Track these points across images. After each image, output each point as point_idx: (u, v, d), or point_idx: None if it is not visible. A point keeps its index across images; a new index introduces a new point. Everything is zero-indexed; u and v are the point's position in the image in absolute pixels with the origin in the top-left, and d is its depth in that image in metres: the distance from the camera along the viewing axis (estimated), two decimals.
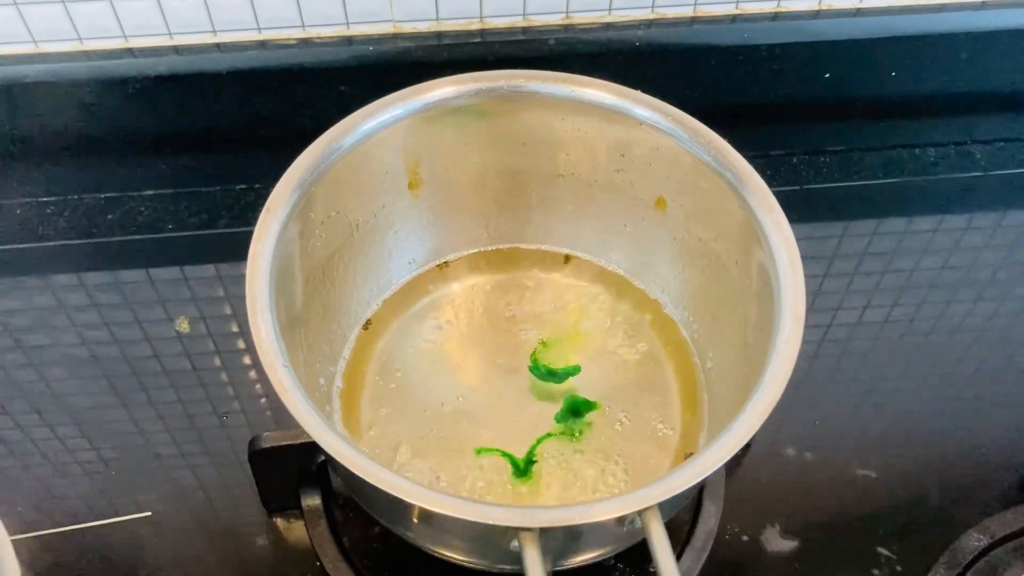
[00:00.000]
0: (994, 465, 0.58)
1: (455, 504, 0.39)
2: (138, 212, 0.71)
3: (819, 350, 0.64)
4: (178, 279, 0.67)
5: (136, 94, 0.67)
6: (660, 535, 0.39)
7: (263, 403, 0.60)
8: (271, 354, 0.43)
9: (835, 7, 0.71)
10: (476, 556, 0.46)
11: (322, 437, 0.41)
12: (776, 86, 0.72)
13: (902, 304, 0.66)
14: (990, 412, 0.61)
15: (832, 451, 0.59)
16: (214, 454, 0.58)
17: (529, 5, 0.68)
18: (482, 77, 0.54)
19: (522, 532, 0.39)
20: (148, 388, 0.61)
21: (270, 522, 0.55)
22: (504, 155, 0.58)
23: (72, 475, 0.57)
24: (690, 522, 0.54)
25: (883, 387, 0.62)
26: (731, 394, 0.51)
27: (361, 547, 0.54)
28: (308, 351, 0.52)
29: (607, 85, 0.54)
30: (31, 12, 0.63)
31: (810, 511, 0.56)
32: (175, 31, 0.66)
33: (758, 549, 0.54)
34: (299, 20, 0.67)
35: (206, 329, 0.63)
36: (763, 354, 0.45)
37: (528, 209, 0.61)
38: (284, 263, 0.48)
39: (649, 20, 0.70)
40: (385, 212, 0.57)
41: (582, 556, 0.46)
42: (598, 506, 0.39)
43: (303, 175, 0.50)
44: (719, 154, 0.51)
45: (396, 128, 0.54)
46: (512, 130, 0.57)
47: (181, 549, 0.54)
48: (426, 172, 0.57)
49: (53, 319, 0.64)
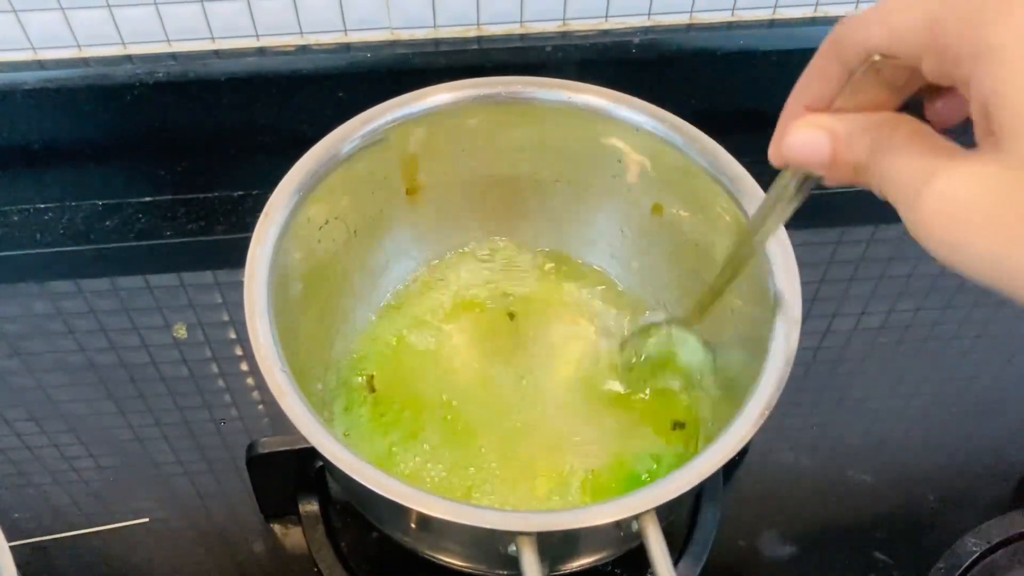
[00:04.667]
0: (991, 470, 0.58)
1: (452, 508, 0.39)
2: (136, 219, 0.71)
3: (816, 355, 0.64)
4: (176, 285, 0.67)
5: (134, 101, 0.67)
6: (657, 539, 0.39)
7: (260, 409, 0.60)
8: (269, 359, 0.43)
9: (831, 14, 0.71)
10: (474, 560, 0.46)
11: (320, 442, 0.41)
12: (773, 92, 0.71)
13: (899, 310, 0.67)
14: (987, 417, 0.61)
15: (829, 456, 0.59)
16: (211, 460, 0.58)
17: (526, 12, 0.68)
18: (479, 84, 0.54)
19: (519, 536, 0.39)
20: (145, 394, 0.61)
21: (268, 528, 0.55)
22: (501, 161, 0.58)
23: (70, 481, 0.57)
24: (688, 527, 0.54)
25: (880, 392, 0.62)
26: (728, 398, 0.51)
27: (359, 552, 0.54)
28: (306, 356, 0.52)
29: (603, 91, 0.54)
30: (30, 19, 0.64)
31: (807, 516, 0.56)
32: (173, 38, 0.66)
33: (756, 554, 0.55)
34: (297, 27, 0.67)
35: (204, 335, 0.63)
36: (759, 359, 0.45)
37: (525, 214, 0.61)
38: (282, 269, 0.48)
39: (646, 27, 0.70)
40: (383, 218, 0.58)
41: (580, 560, 0.46)
42: (595, 510, 0.39)
43: (301, 181, 0.50)
44: (716, 160, 0.52)
45: (394, 134, 0.54)
46: (509, 136, 0.57)
47: (179, 555, 0.54)
48: (424, 178, 0.58)
49: (51, 325, 0.64)
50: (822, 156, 0.30)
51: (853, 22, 0.29)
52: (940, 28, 0.25)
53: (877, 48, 0.28)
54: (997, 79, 0.24)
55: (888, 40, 0.27)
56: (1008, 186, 0.24)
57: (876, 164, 0.28)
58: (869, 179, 0.29)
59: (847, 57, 0.29)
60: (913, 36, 0.26)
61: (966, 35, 0.25)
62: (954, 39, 0.25)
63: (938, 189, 0.25)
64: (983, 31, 0.24)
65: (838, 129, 0.29)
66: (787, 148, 0.31)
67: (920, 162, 0.26)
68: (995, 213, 0.24)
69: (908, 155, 0.27)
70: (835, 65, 0.30)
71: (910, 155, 0.27)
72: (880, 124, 0.28)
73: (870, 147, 0.28)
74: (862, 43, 0.28)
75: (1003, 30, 0.24)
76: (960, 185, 0.25)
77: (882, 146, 0.28)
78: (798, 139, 0.30)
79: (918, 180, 0.26)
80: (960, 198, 0.25)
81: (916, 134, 0.28)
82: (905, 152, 0.27)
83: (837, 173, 0.30)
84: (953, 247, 0.25)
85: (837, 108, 0.30)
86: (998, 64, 0.24)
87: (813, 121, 0.30)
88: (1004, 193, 0.24)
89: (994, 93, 0.24)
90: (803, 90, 0.32)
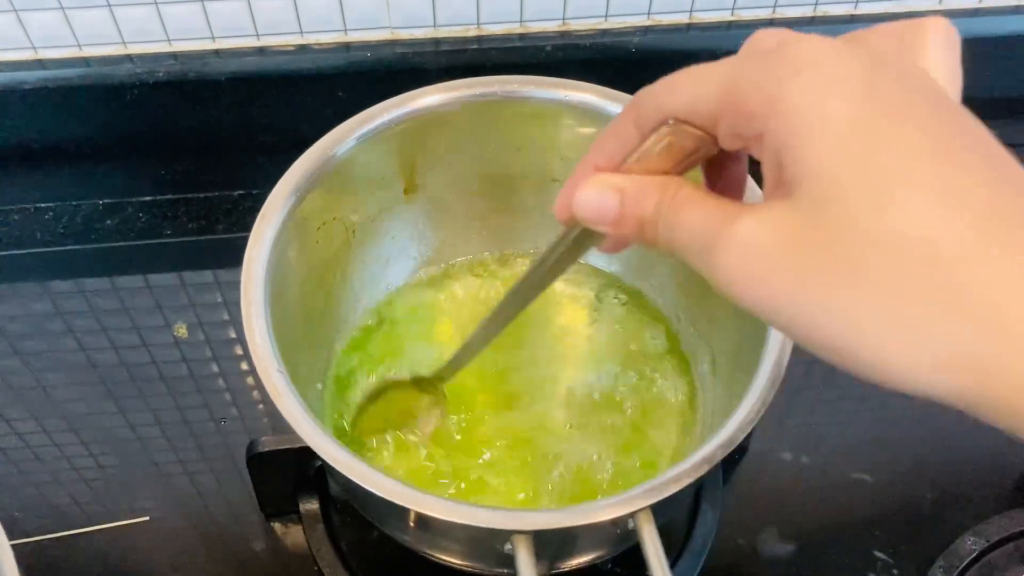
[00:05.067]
0: (990, 468, 0.58)
1: (448, 507, 0.39)
2: (136, 218, 0.71)
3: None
4: (176, 285, 0.67)
5: (134, 100, 0.67)
6: (653, 537, 0.39)
7: (261, 408, 0.61)
8: (266, 359, 0.43)
9: (830, 14, 0.71)
10: (472, 559, 0.46)
11: (316, 442, 0.41)
12: None
13: None
14: None
15: (828, 455, 0.59)
16: (212, 459, 0.58)
17: (526, 12, 0.68)
18: (477, 83, 0.54)
19: (515, 535, 0.39)
20: (146, 394, 0.61)
21: (268, 527, 0.55)
22: (500, 160, 0.58)
23: (70, 480, 0.57)
24: (688, 526, 0.54)
25: (879, 391, 0.62)
26: (725, 396, 0.51)
27: (359, 551, 0.54)
28: (304, 355, 0.52)
29: (602, 90, 0.54)
30: (30, 18, 0.64)
31: (807, 515, 0.56)
32: (174, 37, 0.66)
33: (755, 553, 0.55)
34: (297, 27, 0.67)
35: (204, 335, 0.64)
36: (757, 355, 0.45)
37: (524, 213, 0.61)
38: (280, 268, 0.48)
39: (645, 27, 0.70)
40: (381, 217, 0.58)
41: (577, 559, 0.46)
42: (590, 508, 0.39)
43: (299, 180, 0.50)
44: None
45: (392, 134, 0.54)
46: (508, 135, 0.57)
47: (179, 554, 0.54)
48: (422, 177, 0.58)
49: (51, 325, 0.64)
50: (611, 212, 0.31)
51: (653, 88, 0.30)
52: (736, 89, 0.27)
53: (674, 112, 0.29)
54: (788, 131, 0.26)
55: (686, 104, 0.29)
56: (799, 225, 0.25)
57: (665, 218, 0.29)
58: (656, 233, 0.30)
59: (644, 120, 0.31)
60: (710, 99, 0.28)
61: (760, 94, 0.26)
62: (749, 98, 0.27)
63: (736, 234, 0.27)
64: (775, 89, 0.26)
65: (627, 186, 0.31)
66: (577, 204, 0.32)
67: (713, 212, 0.28)
68: (789, 252, 0.25)
69: (700, 207, 0.29)
70: (631, 127, 0.31)
71: (702, 207, 0.28)
72: (666, 183, 0.30)
73: (657, 203, 0.30)
74: (660, 107, 0.30)
75: (793, 88, 0.26)
76: (756, 229, 0.26)
77: (672, 201, 0.29)
78: (588, 195, 0.31)
79: (713, 228, 0.27)
80: (756, 241, 0.26)
81: (701, 191, 0.29)
82: (696, 204, 0.29)
83: (623, 228, 0.31)
84: (752, 288, 0.26)
85: (625, 170, 0.31)
86: (789, 116, 0.26)
87: (603, 180, 0.31)
88: (796, 233, 0.25)
89: (785, 144, 0.26)
90: (597, 152, 0.33)
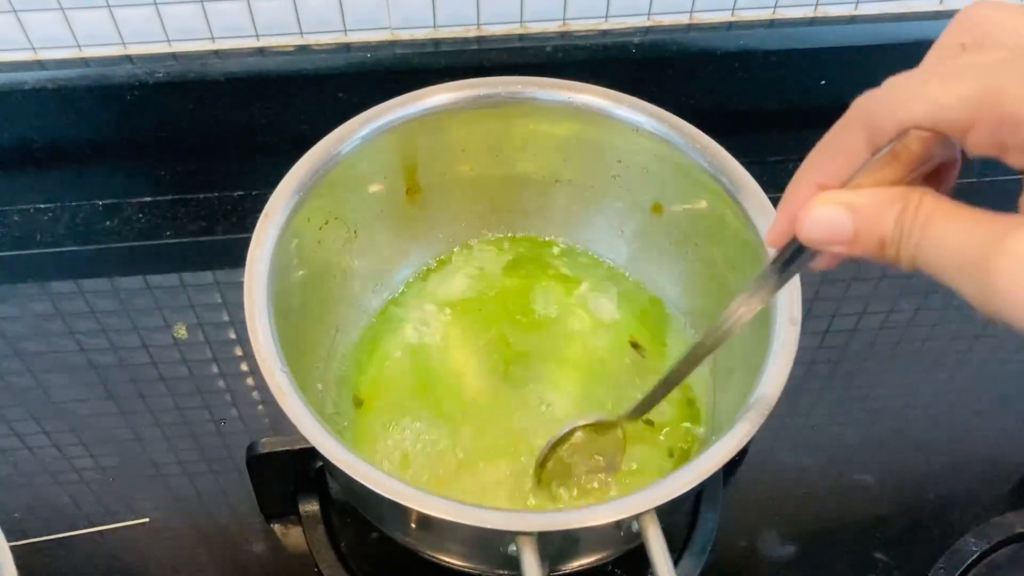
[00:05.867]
0: (991, 470, 0.58)
1: (451, 508, 0.39)
2: (136, 219, 0.71)
3: (816, 356, 0.64)
4: (176, 286, 0.67)
5: (134, 101, 0.67)
6: (658, 539, 0.39)
7: (260, 409, 0.60)
8: (269, 359, 0.43)
9: (831, 15, 0.71)
10: (474, 560, 0.46)
11: (320, 442, 0.41)
12: (772, 92, 0.72)
13: (898, 310, 0.67)
14: (987, 417, 0.61)
15: (829, 457, 0.59)
16: (212, 460, 0.58)
17: (526, 12, 0.68)
18: (479, 84, 0.54)
19: (519, 536, 0.39)
20: (146, 395, 0.61)
21: (268, 528, 0.55)
22: (501, 161, 0.58)
23: (70, 482, 0.57)
24: (689, 527, 0.54)
25: (880, 392, 0.62)
26: (728, 399, 0.51)
27: (359, 553, 0.54)
28: (306, 356, 0.52)
29: (603, 91, 0.54)
30: (30, 19, 0.64)
31: (808, 517, 0.56)
32: (173, 38, 0.66)
33: (756, 554, 0.55)
34: (297, 27, 0.67)
35: (204, 336, 0.63)
36: (760, 359, 0.45)
37: (525, 214, 0.61)
38: (282, 269, 0.48)
39: (645, 27, 0.70)
40: (383, 218, 0.58)
41: (580, 560, 0.46)
42: (595, 510, 0.39)
43: (301, 181, 0.50)
44: (715, 160, 0.52)
45: (393, 134, 0.54)
46: (509, 136, 0.57)
47: (179, 555, 0.54)
48: (423, 178, 0.58)
49: (51, 326, 0.64)
50: (845, 233, 0.29)
51: (883, 96, 0.27)
52: (1002, 95, 0.25)
53: (917, 121, 0.26)
54: None
55: (929, 113, 0.26)
56: None
57: (909, 234, 0.27)
58: (899, 251, 0.27)
59: (878, 133, 0.28)
60: (963, 106, 0.25)
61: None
62: (1017, 106, 0.24)
63: (1017, 250, 0.24)
64: None
65: (861, 204, 0.28)
66: (807, 226, 0.29)
67: (974, 226, 0.25)
68: None
69: (953, 220, 0.26)
70: (860, 141, 0.28)
71: (955, 220, 0.26)
72: (906, 196, 0.27)
73: (898, 218, 0.27)
74: (897, 118, 0.27)
75: None
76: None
77: (916, 215, 0.27)
78: (820, 214, 0.29)
79: (979, 244, 0.25)
80: None
81: (948, 202, 0.26)
82: (947, 218, 0.26)
83: (860, 248, 0.29)
84: None
85: (854, 185, 0.29)
86: None
87: (834, 198, 0.29)
88: None
89: None
90: (815, 169, 0.30)
